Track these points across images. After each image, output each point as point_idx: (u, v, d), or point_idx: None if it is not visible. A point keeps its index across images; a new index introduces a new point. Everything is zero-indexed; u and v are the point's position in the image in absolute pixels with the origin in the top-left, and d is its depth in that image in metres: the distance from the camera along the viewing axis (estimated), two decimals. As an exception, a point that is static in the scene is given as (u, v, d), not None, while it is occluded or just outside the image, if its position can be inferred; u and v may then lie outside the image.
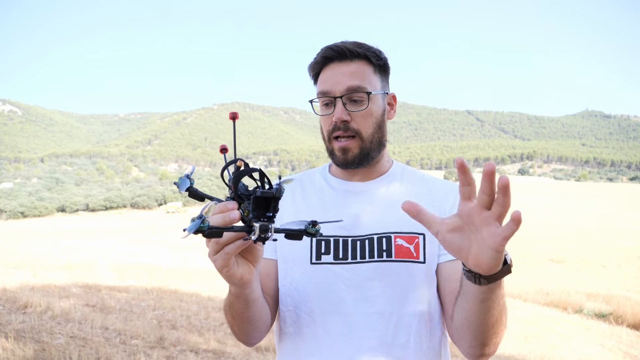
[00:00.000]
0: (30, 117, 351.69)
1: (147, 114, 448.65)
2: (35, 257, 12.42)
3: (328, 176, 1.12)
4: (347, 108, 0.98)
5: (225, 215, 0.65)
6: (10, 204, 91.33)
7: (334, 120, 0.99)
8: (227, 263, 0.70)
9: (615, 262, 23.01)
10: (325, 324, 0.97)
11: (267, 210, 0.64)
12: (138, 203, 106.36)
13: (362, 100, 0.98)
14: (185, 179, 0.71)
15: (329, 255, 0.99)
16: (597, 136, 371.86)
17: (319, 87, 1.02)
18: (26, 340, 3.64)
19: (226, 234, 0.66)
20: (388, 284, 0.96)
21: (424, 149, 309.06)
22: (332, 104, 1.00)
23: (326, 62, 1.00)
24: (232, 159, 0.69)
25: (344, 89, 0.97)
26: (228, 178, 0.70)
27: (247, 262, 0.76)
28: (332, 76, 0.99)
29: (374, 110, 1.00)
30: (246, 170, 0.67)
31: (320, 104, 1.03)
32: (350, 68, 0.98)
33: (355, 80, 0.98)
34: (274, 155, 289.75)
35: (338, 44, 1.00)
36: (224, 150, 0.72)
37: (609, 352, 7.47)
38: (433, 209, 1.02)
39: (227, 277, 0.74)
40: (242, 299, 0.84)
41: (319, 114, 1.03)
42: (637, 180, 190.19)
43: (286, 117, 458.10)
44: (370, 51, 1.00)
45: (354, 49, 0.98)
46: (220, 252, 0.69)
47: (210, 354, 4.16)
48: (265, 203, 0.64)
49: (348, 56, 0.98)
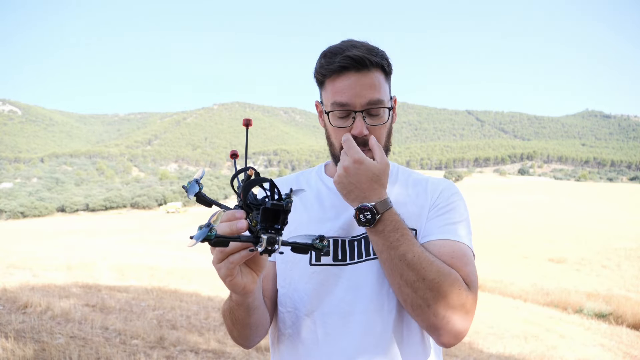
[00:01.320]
0: (30, 117, 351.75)
1: (147, 114, 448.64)
2: (35, 257, 12.42)
3: (324, 177, 1.12)
4: (366, 122, 0.96)
5: (233, 224, 0.64)
6: (10, 204, 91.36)
7: (353, 134, 0.95)
8: (231, 272, 0.70)
9: (615, 262, 23.01)
10: (325, 324, 0.97)
11: (275, 222, 0.63)
12: (138, 203, 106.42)
13: (380, 114, 0.97)
14: (194, 184, 0.71)
15: (328, 257, 0.99)
16: (597, 136, 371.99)
17: (334, 96, 0.96)
18: (26, 340, 3.63)
19: (232, 243, 0.66)
20: (385, 281, 0.96)
21: (424, 149, 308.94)
22: (349, 116, 0.96)
23: (342, 70, 0.95)
24: (243, 167, 0.68)
25: (365, 102, 0.94)
26: (237, 185, 0.69)
27: (251, 271, 0.76)
28: (351, 87, 0.94)
29: (388, 121, 1.00)
30: (257, 179, 0.66)
31: (334, 113, 0.98)
32: (368, 79, 0.95)
33: (375, 94, 0.95)
34: (274, 155, 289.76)
35: (355, 52, 0.94)
36: (234, 156, 0.71)
37: (609, 352, 7.47)
38: (423, 203, 1.04)
39: (230, 286, 0.74)
40: (243, 307, 0.84)
41: (333, 125, 0.99)
42: (637, 180, 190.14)
43: (286, 117, 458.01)
44: (384, 59, 0.98)
45: (372, 58, 0.94)
46: (225, 261, 0.69)
47: (210, 354, 4.16)
48: (274, 215, 0.63)
49: (367, 66, 0.94)
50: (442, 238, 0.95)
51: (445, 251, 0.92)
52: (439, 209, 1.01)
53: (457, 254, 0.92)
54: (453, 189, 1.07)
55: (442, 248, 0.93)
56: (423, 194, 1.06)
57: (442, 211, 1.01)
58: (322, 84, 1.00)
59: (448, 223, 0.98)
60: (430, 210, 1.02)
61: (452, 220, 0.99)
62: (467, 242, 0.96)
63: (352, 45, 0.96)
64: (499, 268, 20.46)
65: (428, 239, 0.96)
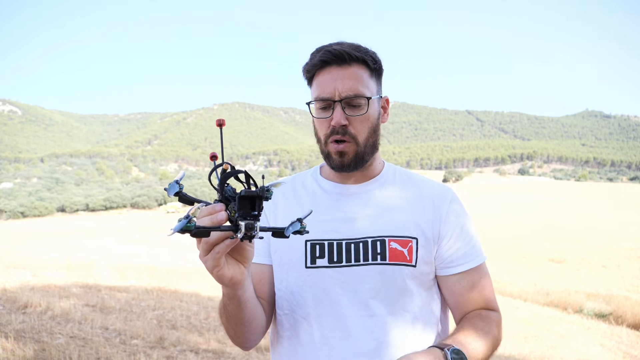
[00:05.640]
0: (30, 117, 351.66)
1: (147, 114, 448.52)
2: (35, 257, 12.41)
3: (320, 179, 1.12)
4: (346, 112, 0.97)
5: (214, 216, 0.67)
6: (10, 204, 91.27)
7: (332, 125, 0.97)
8: (217, 263, 0.72)
9: (615, 262, 23.01)
10: (322, 327, 0.97)
11: (252, 209, 0.66)
12: (138, 203, 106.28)
13: (361, 105, 0.98)
14: (174, 184, 0.72)
15: (323, 259, 0.99)
16: (597, 136, 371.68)
17: (316, 90, 0.99)
18: (26, 340, 3.63)
19: (214, 233, 0.68)
20: (383, 286, 0.96)
21: (424, 149, 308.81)
22: (329, 107, 0.98)
23: (324, 65, 0.97)
24: (218, 163, 0.71)
25: (344, 94, 0.96)
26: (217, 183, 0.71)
27: (238, 262, 0.77)
28: (331, 80, 0.96)
29: (370, 114, 1.00)
30: (232, 172, 0.69)
31: (316, 107, 1.01)
32: (349, 72, 0.96)
33: (354, 85, 0.96)
34: (274, 155, 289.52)
35: (335, 47, 0.97)
36: (213, 158, 0.73)
37: (609, 352, 7.46)
38: (425, 213, 1.03)
39: (218, 278, 0.75)
40: (234, 300, 0.85)
41: (315, 117, 1.02)
42: (637, 180, 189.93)
43: (286, 117, 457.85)
44: (368, 55, 0.99)
45: (353, 52, 0.96)
46: (211, 252, 0.71)
47: (210, 354, 4.16)
48: (251, 202, 0.66)
49: (347, 60, 0.96)
50: (470, 268, 1.02)
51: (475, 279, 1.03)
52: (454, 228, 1.04)
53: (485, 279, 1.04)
54: (457, 200, 1.08)
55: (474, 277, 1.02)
56: (422, 199, 1.05)
57: (462, 234, 1.04)
58: (310, 81, 1.02)
59: (469, 245, 1.03)
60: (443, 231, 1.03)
61: (472, 241, 1.04)
62: (484, 255, 1.05)
63: (337, 43, 0.99)
64: (499, 268, 20.44)
65: (458, 270, 1.02)
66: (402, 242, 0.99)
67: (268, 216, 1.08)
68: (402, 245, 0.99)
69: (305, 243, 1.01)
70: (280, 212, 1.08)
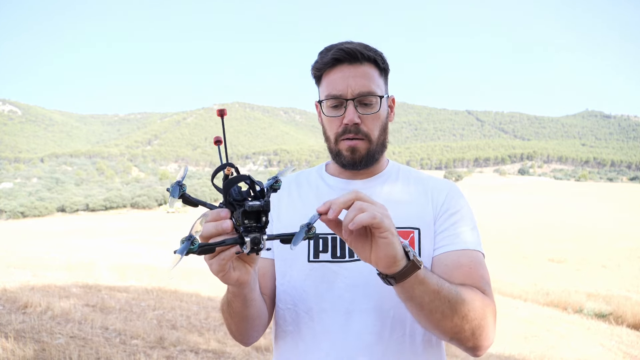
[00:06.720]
0: (30, 117, 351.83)
1: (147, 114, 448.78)
2: (35, 257, 12.41)
3: (325, 175, 1.12)
4: (358, 111, 0.98)
5: (218, 224, 0.65)
6: (10, 204, 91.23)
7: (345, 123, 0.98)
8: (222, 268, 0.70)
9: (615, 262, 23.02)
10: (324, 321, 0.97)
11: (257, 221, 0.63)
12: (138, 203, 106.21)
13: (372, 103, 0.99)
14: (176, 187, 0.69)
15: (326, 253, 0.99)
16: (597, 136, 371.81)
17: (327, 88, 1.00)
18: (26, 340, 3.63)
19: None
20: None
21: (424, 149, 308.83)
22: (341, 106, 0.99)
23: (335, 63, 0.98)
24: (221, 165, 0.67)
25: (357, 92, 0.97)
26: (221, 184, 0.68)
27: (244, 263, 0.75)
28: (343, 78, 0.97)
29: (381, 113, 1.02)
30: (236, 178, 0.65)
31: (327, 105, 1.01)
32: (361, 70, 0.98)
33: (367, 83, 0.97)
34: (274, 155, 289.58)
35: (347, 45, 0.98)
36: (218, 142, 0.70)
37: (609, 352, 7.46)
38: (426, 205, 1.04)
39: (224, 280, 0.74)
40: (240, 298, 0.84)
41: (326, 115, 1.02)
42: (637, 180, 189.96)
43: (286, 117, 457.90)
44: (377, 54, 1.00)
45: (364, 51, 0.97)
46: (216, 258, 0.69)
47: (210, 354, 4.16)
48: (256, 214, 0.63)
49: (359, 58, 0.97)
50: (456, 249, 0.96)
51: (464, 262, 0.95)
52: (448, 216, 1.02)
53: (474, 263, 0.95)
54: (457, 192, 1.08)
55: (460, 258, 0.95)
56: (424, 194, 1.06)
57: (451, 220, 1.01)
58: (319, 80, 1.03)
59: (459, 232, 0.99)
60: (437, 217, 1.02)
61: (462, 229, 1.00)
62: (478, 247, 0.98)
63: (347, 42, 1.00)
64: (499, 268, 20.44)
65: (443, 251, 0.97)
66: (403, 233, 0.99)
67: (271, 211, 1.08)
68: (403, 237, 0.98)
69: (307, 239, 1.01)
70: (284, 207, 1.08)
